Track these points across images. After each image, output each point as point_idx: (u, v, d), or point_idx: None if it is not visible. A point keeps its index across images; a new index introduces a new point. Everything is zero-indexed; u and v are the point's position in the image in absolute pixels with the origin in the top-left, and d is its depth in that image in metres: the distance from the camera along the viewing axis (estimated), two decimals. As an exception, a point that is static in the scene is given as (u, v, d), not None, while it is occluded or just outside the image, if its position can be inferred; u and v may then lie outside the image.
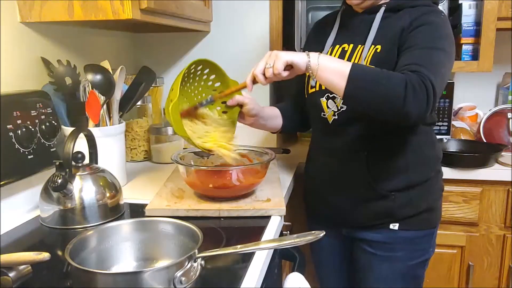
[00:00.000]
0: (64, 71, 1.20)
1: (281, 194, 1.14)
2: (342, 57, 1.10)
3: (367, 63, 1.05)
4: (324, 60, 0.95)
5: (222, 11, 1.69)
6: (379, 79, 0.92)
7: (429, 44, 0.98)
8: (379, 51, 1.05)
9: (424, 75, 0.91)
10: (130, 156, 1.58)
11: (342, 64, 0.95)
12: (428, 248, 1.18)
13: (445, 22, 1.04)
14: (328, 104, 1.14)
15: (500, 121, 1.71)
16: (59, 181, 0.94)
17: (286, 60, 0.95)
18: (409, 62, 0.96)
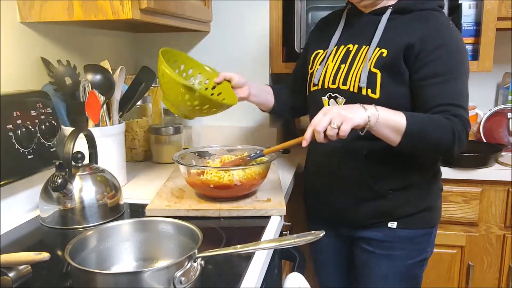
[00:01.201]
0: (64, 71, 1.20)
1: (281, 194, 1.14)
2: (346, 58, 1.11)
3: (371, 66, 1.05)
4: (382, 118, 0.95)
5: (222, 11, 1.69)
6: (432, 132, 0.98)
7: (455, 72, 1.02)
8: (384, 56, 1.05)
9: (464, 119, 0.99)
10: (130, 156, 1.58)
11: (397, 120, 0.96)
12: (427, 247, 1.18)
13: (458, 34, 1.06)
14: (329, 104, 1.14)
15: (500, 121, 1.71)
16: (59, 181, 0.94)
17: (354, 125, 0.93)
18: (445, 102, 1.00)
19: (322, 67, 1.16)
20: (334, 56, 1.15)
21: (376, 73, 1.05)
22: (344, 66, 1.11)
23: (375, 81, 1.05)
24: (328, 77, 1.14)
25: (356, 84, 1.07)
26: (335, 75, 1.12)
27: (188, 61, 1.18)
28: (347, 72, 1.10)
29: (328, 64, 1.15)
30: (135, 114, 1.57)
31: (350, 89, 1.09)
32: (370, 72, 1.05)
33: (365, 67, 1.06)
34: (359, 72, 1.07)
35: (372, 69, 1.05)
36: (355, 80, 1.08)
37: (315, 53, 1.21)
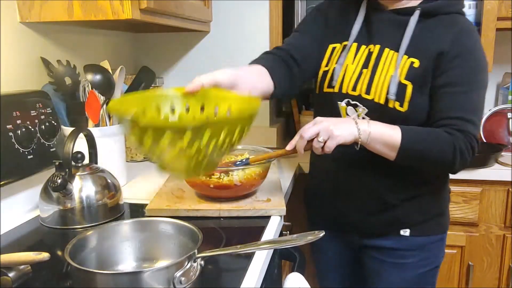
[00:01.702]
0: (64, 71, 1.20)
1: (281, 194, 1.14)
2: (368, 60, 1.02)
3: (401, 75, 0.97)
4: (374, 134, 0.92)
5: (222, 11, 1.69)
6: (430, 148, 0.94)
7: (471, 84, 0.96)
8: (416, 67, 0.97)
9: (471, 135, 0.94)
10: (130, 156, 1.58)
11: (392, 136, 0.93)
12: (439, 254, 1.14)
13: (480, 43, 1.00)
14: (347, 111, 1.05)
15: (500, 121, 1.71)
16: (59, 181, 0.94)
17: (340, 143, 0.91)
18: (454, 115, 0.95)
19: (340, 66, 1.05)
20: (355, 57, 1.04)
21: (407, 85, 0.97)
22: (367, 72, 1.02)
23: (404, 94, 0.97)
24: (348, 82, 1.04)
25: (383, 95, 0.99)
26: (356, 81, 1.02)
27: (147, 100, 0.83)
28: (371, 79, 1.01)
29: (347, 65, 1.04)
30: (135, 114, 1.57)
31: (375, 100, 1.00)
32: (400, 83, 0.97)
33: (394, 78, 0.97)
34: (386, 82, 0.99)
35: (402, 80, 0.97)
36: (381, 90, 0.99)
37: (331, 47, 1.09)
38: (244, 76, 0.92)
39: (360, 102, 1.02)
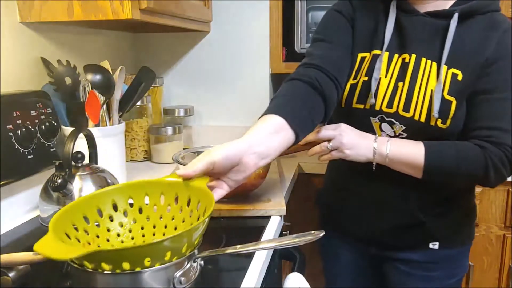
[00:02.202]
0: (64, 71, 1.20)
1: (281, 194, 1.14)
2: (403, 73, 0.92)
3: (444, 90, 0.89)
4: (393, 156, 0.89)
5: (222, 11, 1.69)
6: (457, 165, 0.88)
7: (509, 89, 0.88)
8: (460, 80, 0.88)
9: (508, 147, 0.87)
10: (130, 156, 1.58)
11: (414, 156, 0.88)
12: (465, 263, 1.10)
13: None
14: (382, 127, 0.96)
15: (500, 121, 1.71)
16: (59, 181, 0.94)
17: (347, 159, 0.91)
18: (487, 124, 0.88)
19: (374, 80, 0.93)
20: (387, 68, 0.93)
21: (451, 101, 0.89)
22: (403, 85, 0.92)
23: (448, 111, 0.89)
24: (382, 97, 0.93)
25: (424, 112, 0.90)
26: (392, 97, 0.93)
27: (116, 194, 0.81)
28: (409, 94, 0.91)
29: (381, 78, 0.93)
30: (135, 114, 1.57)
31: (415, 118, 0.91)
32: (443, 99, 0.89)
33: (437, 93, 0.88)
34: (427, 97, 0.90)
35: (446, 96, 0.89)
36: (422, 107, 0.90)
37: (360, 56, 0.97)
38: (249, 149, 0.76)
39: (396, 120, 0.93)
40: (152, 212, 0.82)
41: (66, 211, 0.72)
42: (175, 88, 1.80)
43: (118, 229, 0.80)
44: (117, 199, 0.81)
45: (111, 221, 0.80)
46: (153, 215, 0.83)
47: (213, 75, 1.76)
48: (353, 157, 0.91)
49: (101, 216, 0.79)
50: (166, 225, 0.82)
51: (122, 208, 0.81)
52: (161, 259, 0.65)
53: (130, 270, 0.64)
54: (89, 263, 0.64)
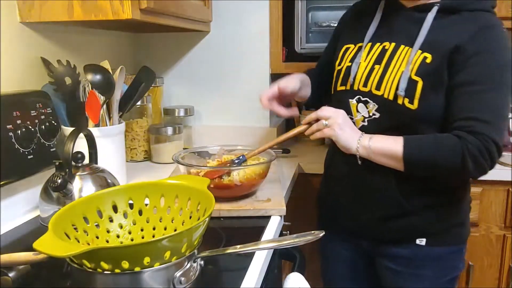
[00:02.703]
0: (64, 71, 1.20)
1: (281, 194, 1.14)
2: (381, 57, 1.01)
3: (412, 71, 0.95)
4: (375, 149, 0.96)
5: (222, 11, 1.69)
6: (433, 154, 0.92)
7: (490, 82, 0.91)
8: (428, 62, 0.94)
9: (486, 137, 0.88)
10: (130, 156, 1.58)
11: (393, 149, 0.94)
12: (458, 264, 1.09)
13: (507, 42, 0.94)
14: (358, 108, 1.04)
15: (500, 121, 1.71)
16: (59, 181, 0.94)
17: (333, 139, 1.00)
18: (467, 115, 0.90)
19: (354, 64, 1.04)
20: (368, 54, 1.03)
21: (417, 81, 0.94)
22: (379, 68, 1.00)
23: (414, 91, 0.94)
24: (359, 78, 1.03)
25: (393, 90, 0.97)
26: (368, 77, 1.01)
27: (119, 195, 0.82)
28: (382, 74, 0.99)
29: (360, 63, 1.04)
30: (135, 114, 1.57)
31: (385, 96, 0.98)
32: (410, 79, 0.94)
33: (405, 73, 0.95)
34: (397, 77, 0.96)
35: (413, 76, 0.94)
36: (391, 85, 0.97)
37: (345, 47, 1.10)
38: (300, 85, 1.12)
39: (370, 98, 1.01)
40: (152, 214, 0.83)
41: (66, 211, 0.73)
42: (175, 88, 1.80)
43: (118, 231, 0.80)
44: (117, 200, 0.81)
45: (110, 222, 0.80)
46: (152, 217, 0.83)
47: (213, 75, 1.76)
48: (340, 139, 0.98)
49: (101, 217, 0.79)
50: (166, 227, 0.82)
51: (122, 209, 0.81)
52: (161, 259, 0.65)
53: (130, 270, 0.64)
54: (89, 262, 0.64)
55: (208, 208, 0.74)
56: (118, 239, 0.80)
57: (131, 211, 0.82)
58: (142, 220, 0.83)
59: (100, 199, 0.80)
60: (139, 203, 0.82)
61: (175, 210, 0.82)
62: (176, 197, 0.82)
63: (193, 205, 0.80)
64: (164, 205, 0.83)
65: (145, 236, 0.82)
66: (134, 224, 0.82)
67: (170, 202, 0.82)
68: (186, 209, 0.81)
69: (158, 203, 0.83)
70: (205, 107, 1.79)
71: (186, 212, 0.81)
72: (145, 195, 0.83)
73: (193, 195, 0.80)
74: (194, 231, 0.68)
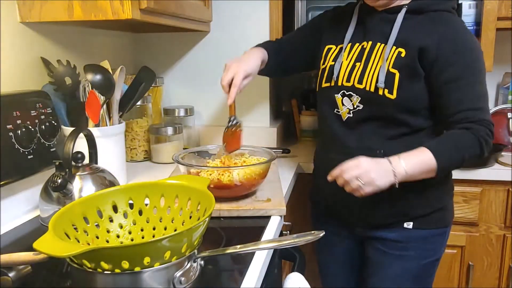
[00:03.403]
0: (64, 71, 1.20)
1: (281, 194, 1.14)
2: (361, 56, 1.11)
3: (389, 65, 1.05)
4: (410, 171, 0.99)
5: (222, 11, 1.69)
6: (462, 154, 1.02)
7: (472, 75, 1.05)
8: (403, 56, 1.05)
9: (486, 121, 1.03)
10: (130, 156, 1.58)
11: (426, 162, 1.00)
12: (440, 247, 1.19)
13: (471, 35, 1.08)
14: (343, 101, 1.13)
15: (500, 121, 1.71)
16: (59, 181, 0.94)
17: (377, 190, 1.00)
18: (465, 107, 1.03)
19: (337, 63, 1.14)
20: (349, 54, 1.13)
21: (395, 73, 1.05)
22: (360, 64, 1.10)
23: (392, 82, 1.05)
24: (342, 75, 1.12)
25: (373, 83, 1.07)
26: (350, 73, 1.11)
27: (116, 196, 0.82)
28: (363, 70, 1.09)
29: (342, 61, 1.13)
30: (135, 114, 1.57)
31: (366, 88, 1.08)
32: (388, 72, 1.05)
33: (382, 67, 1.06)
34: (376, 71, 1.07)
35: (390, 69, 1.05)
36: (372, 79, 1.07)
37: (327, 48, 1.20)
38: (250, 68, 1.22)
39: (353, 92, 1.11)
40: (152, 214, 0.82)
41: (66, 211, 0.73)
42: (175, 88, 1.80)
43: (118, 231, 0.80)
44: (117, 201, 0.81)
45: (111, 222, 0.80)
46: (153, 217, 0.82)
47: (213, 75, 1.76)
48: (380, 186, 0.99)
49: (101, 217, 0.79)
50: (166, 227, 0.82)
51: (122, 209, 0.81)
52: (161, 259, 0.65)
53: (130, 270, 0.64)
54: (89, 262, 0.64)
55: (208, 208, 0.74)
56: (118, 239, 0.80)
57: (131, 211, 0.82)
58: (142, 220, 0.83)
59: (100, 199, 0.80)
60: (139, 203, 0.82)
61: (175, 210, 0.82)
62: (176, 197, 0.82)
63: (193, 205, 0.80)
64: (164, 205, 0.83)
65: (145, 236, 0.82)
66: (134, 224, 0.82)
67: (170, 202, 0.82)
68: (186, 209, 0.81)
69: (158, 203, 0.83)
70: (205, 107, 1.79)
71: (186, 212, 0.81)
72: (145, 195, 0.82)
73: (193, 195, 0.80)
74: (194, 231, 0.68)
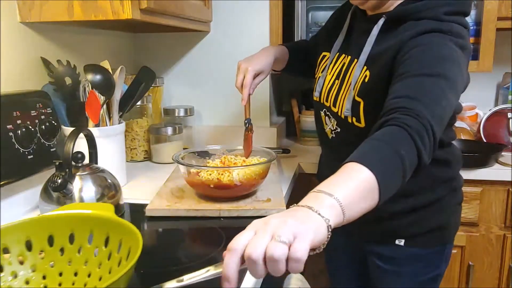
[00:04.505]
0: (64, 71, 1.20)
1: (281, 194, 1.14)
2: (340, 72, 1.03)
3: (355, 91, 0.94)
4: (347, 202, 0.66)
5: (222, 11, 1.69)
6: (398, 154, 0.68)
7: (424, 70, 0.80)
8: (367, 81, 0.92)
9: (421, 115, 0.72)
10: (130, 156, 1.58)
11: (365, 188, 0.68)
12: (439, 263, 1.10)
13: (449, 41, 0.85)
14: (325, 120, 1.09)
15: (500, 121, 1.71)
16: (59, 181, 0.94)
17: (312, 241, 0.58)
18: (399, 95, 0.77)
19: (321, 77, 1.09)
20: (334, 66, 1.06)
21: (359, 102, 0.95)
22: (337, 83, 1.03)
23: (358, 110, 0.95)
24: (324, 92, 1.07)
25: (343, 110, 1.00)
26: (328, 92, 1.06)
27: None
28: (337, 91, 1.03)
29: (326, 75, 1.08)
30: (135, 114, 1.57)
31: (338, 113, 1.02)
32: (354, 100, 0.96)
33: (349, 94, 0.97)
34: (346, 97, 0.98)
35: (355, 97, 0.95)
36: (342, 105, 1.00)
37: (322, 54, 1.14)
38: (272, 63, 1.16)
39: (330, 114, 1.06)
40: (75, 254, 0.67)
41: None
42: (175, 88, 1.80)
43: (30, 275, 0.65)
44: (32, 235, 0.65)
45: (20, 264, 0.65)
46: (76, 259, 0.67)
47: (213, 75, 1.76)
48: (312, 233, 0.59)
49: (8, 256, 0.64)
50: (90, 274, 0.66)
51: (38, 247, 0.66)
52: None
53: None
54: None
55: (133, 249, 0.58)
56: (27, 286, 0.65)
57: (50, 249, 0.66)
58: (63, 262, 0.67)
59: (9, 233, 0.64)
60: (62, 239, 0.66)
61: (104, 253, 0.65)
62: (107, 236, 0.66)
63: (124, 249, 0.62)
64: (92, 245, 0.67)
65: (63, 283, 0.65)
66: (52, 267, 0.66)
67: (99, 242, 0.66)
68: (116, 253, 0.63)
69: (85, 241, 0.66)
70: (205, 107, 1.79)
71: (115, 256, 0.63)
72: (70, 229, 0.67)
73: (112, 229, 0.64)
74: None
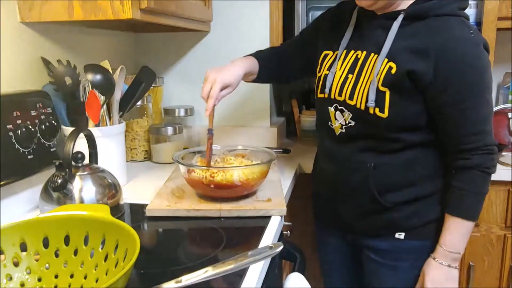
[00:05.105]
0: (64, 71, 1.20)
1: (281, 194, 1.14)
2: (354, 67, 1.04)
3: (379, 82, 0.97)
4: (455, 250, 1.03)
5: (222, 11, 1.69)
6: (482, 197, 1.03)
7: (475, 98, 0.96)
8: (393, 73, 0.96)
9: (491, 149, 0.99)
10: (130, 156, 1.58)
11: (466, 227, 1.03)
12: None
13: (474, 46, 0.95)
14: (336, 116, 1.08)
15: (500, 121, 1.71)
16: (59, 181, 0.94)
17: None
18: (469, 132, 0.98)
19: (330, 73, 1.08)
20: (343, 62, 1.07)
21: (385, 91, 0.98)
22: (352, 77, 1.04)
23: (383, 100, 0.98)
24: (335, 87, 1.07)
25: (364, 101, 1.00)
26: (342, 86, 1.05)
27: None
28: (354, 84, 1.03)
29: (336, 71, 1.07)
30: (135, 114, 1.57)
31: (357, 106, 1.02)
32: (378, 90, 0.98)
33: (372, 85, 0.98)
34: (367, 88, 1.00)
35: (380, 87, 0.98)
36: (362, 97, 1.00)
37: (324, 54, 1.14)
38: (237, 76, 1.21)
39: (345, 107, 1.05)
40: (71, 256, 0.66)
41: None
42: (175, 88, 1.80)
43: (25, 277, 0.64)
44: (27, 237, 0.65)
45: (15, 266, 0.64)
46: (72, 261, 0.66)
47: (213, 75, 1.76)
48: None
49: None
50: (86, 275, 0.66)
51: (33, 249, 0.65)
52: None
53: None
54: None
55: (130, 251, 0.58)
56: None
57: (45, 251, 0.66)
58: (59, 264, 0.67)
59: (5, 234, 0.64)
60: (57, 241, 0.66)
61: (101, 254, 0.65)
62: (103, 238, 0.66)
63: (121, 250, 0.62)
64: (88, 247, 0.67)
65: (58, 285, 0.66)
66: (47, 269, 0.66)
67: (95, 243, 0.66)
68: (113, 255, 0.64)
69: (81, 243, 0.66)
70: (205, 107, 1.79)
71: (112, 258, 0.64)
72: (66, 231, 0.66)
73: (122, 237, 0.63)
74: None
